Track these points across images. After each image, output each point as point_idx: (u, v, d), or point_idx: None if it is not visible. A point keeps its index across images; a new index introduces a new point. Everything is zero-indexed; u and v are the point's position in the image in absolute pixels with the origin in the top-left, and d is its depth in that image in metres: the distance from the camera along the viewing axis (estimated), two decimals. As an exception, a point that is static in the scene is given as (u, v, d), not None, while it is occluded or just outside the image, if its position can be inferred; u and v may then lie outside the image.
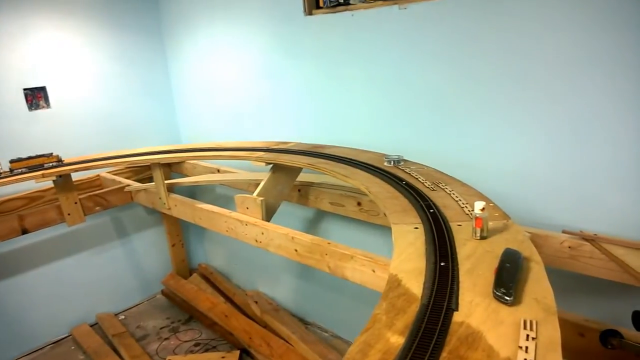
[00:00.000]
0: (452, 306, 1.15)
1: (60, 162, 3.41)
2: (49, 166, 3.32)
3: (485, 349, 1.00)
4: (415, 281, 1.29)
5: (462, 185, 2.08)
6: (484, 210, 1.49)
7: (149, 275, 4.75)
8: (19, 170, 3.22)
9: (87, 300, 4.30)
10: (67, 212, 3.52)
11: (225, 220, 2.85)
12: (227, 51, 3.86)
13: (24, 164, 3.25)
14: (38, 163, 3.30)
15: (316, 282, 3.87)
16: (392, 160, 2.45)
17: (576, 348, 1.72)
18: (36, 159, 3.30)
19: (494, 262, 1.32)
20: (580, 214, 2.26)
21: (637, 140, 2.02)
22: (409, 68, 2.72)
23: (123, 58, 4.21)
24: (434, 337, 1.04)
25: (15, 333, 3.90)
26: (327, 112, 3.26)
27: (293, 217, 3.73)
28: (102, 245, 4.37)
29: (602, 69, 2.04)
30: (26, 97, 3.69)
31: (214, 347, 3.87)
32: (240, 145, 3.36)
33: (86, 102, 4.04)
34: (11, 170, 3.21)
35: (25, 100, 3.69)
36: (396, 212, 1.80)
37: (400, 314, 1.15)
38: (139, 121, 4.42)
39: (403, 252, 1.47)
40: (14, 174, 3.19)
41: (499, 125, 2.42)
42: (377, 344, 1.04)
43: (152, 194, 3.46)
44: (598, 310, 2.33)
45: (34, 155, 3.32)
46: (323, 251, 2.27)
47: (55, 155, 3.39)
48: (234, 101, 3.96)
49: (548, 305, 1.13)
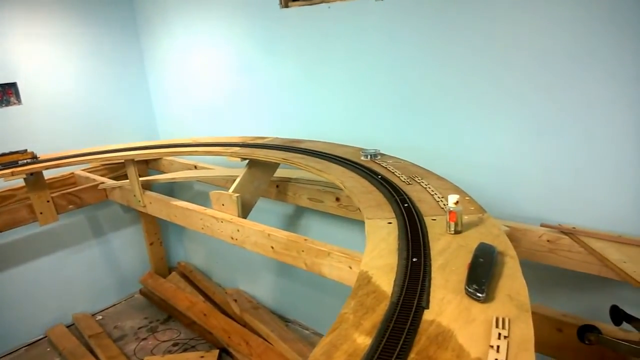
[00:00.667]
0: (423, 304, 1.11)
1: (35, 158, 3.29)
2: (23, 163, 3.20)
3: (455, 348, 0.96)
4: (386, 278, 1.24)
5: (438, 178, 2.04)
6: (458, 204, 1.45)
7: (126, 274, 4.66)
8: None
9: (63, 300, 4.21)
10: (39, 211, 3.42)
11: (200, 218, 2.79)
12: (204, 46, 3.78)
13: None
14: (12, 160, 3.18)
15: (297, 280, 3.83)
16: (369, 154, 2.41)
17: (554, 344, 1.70)
18: (10, 156, 3.18)
19: (468, 257, 1.28)
20: (558, 207, 2.24)
21: (613, 133, 2.00)
22: (386, 61, 2.67)
23: (97, 53, 4.11)
24: (402, 337, 0.99)
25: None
26: (304, 107, 3.21)
27: (272, 214, 3.67)
28: (78, 244, 4.27)
29: (576, 62, 2.02)
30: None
31: (193, 347, 3.80)
32: (216, 140, 3.29)
33: (60, 98, 3.94)
34: None
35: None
36: (370, 207, 1.76)
37: (368, 312, 1.10)
38: (115, 117, 4.32)
39: (375, 248, 1.42)
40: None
41: (476, 118, 2.40)
42: (342, 345, 0.99)
43: (127, 191, 3.38)
44: (577, 305, 2.32)
45: (7, 152, 3.20)
46: (299, 248, 2.22)
47: (30, 152, 3.28)
48: (212, 96, 3.89)
49: (522, 302, 1.09)
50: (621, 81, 1.93)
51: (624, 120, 1.96)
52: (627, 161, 1.99)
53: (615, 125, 1.99)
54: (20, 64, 3.67)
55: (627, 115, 1.95)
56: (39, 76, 3.79)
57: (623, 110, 1.95)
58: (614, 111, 1.98)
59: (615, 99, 1.96)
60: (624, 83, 1.92)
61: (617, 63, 1.92)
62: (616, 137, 2.00)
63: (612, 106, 1.97)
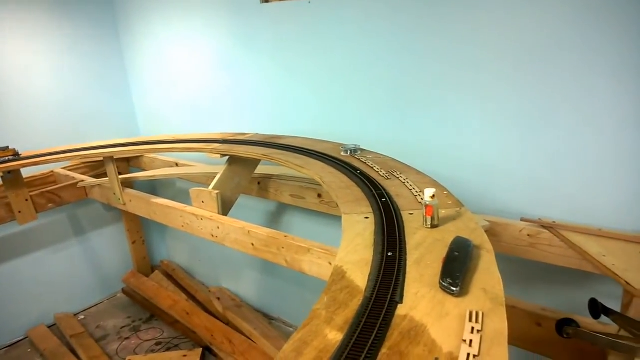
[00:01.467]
0: (397, 298, 1.09)
1: (17, 155, 3.23)
2: (5, 160, 3.15)
3: (428, 343, 0.94)
4: (360, 273, 1.22)
5: (417, 173, 2.03)
6: (434, 198, 1.43)
7: (109, 273, 4.61)
8: None
9: (44, 300, 4.15)
10: (18, 209, 3.36)
11: (180, 215, 2.76)
12: (184, 42, 3.74)
13: None
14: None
15: (280, 277, 3.80)
16: (349, 149, 2.39)
17: (533, 338, 1.69)
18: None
19: (444, 251, 1.26)
20: (539, 202, 2.24)
21: (594, 128, 2.00)
22: (367, 57, 2.65)
23: (75, 50, 4.04)
24: (374, 332, 0.97)
25: (-33, 337, 3.74)
26: (285, 103, 3.18)
27: (254, 211, 3.65)
28: (58, 243, 4.21)
29: (562, 61, 2.01)
30: (-28, 90, 3.52)
31: (176, 346, 3.77)
32: (196, 137, 3.25)
33: (38, 95, 3.87)
34: None
35: (-30, 94, 3.52)
36: (348, 202, 1.74)
37: (341, 308, 1.08)
38: (95, 115, 4.26)
39: (350, 244, 1.40)
40: None
41: (457, 113, 2.39)
42: (313, 342, 0.97)
43: (107, 189, 3.33)
44: (556, 299, 2.33)
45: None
46: (279, 244, 2.20)
47: (11, 148, 3.22)
48: (192, 93, 3.85)
49: (496, 295, 1.08)
50: (605, 77, 1.93)
51: (605, 115, 1.96)
52: (608, 155, 2.00)
53: (597, 120, 1.99)
54: (-7, 61, 3.60)
55: (609, 110, 1.95)
56: (14, 73, 3.72)
57: (605, 106, 1.95)
58: (595, 107, 1.98)
59: (597, 95, 1.96)
60: (608, 79, 1.92)
61: (603, 60, 1.92)
62: (597, 132, 2.00)
63: (593, 102, 1.97)
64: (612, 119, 1.94)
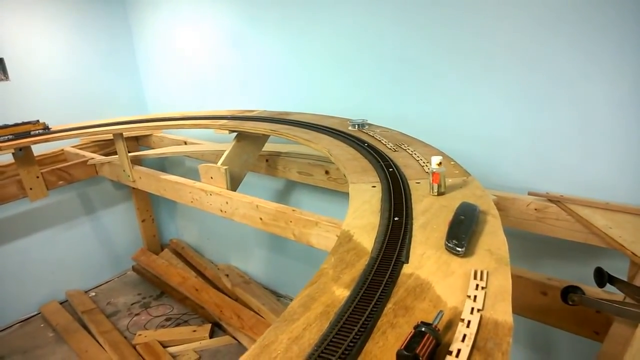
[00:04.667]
0: (402, 259, 1.11)
1: (47, 129, 3.27)
2: (36, 133, 3.19)
3: (433, 299, 0.96)
4: (367, 236, 1.24)
5: (424, 145, 2.04)
6: (441, 165, 1.44)
7: (119, 251, 4.67)
8: (5, 137, 3.08)
9: (56, 277, 4.22)
10: (29, 186, 3.40)
11: (189, 191, 2.78)
12: (192, 19, 3.74)
13: (9, 130, 3.11)
14: (24, 130, 3.16)
15: (288, 255, 3.84)
16: (357, 124, 2.40)
17: (539, 307, 1.71)
18: (22, 126, 3.17)
19: (450, 216, 1.27)
20: (546, 176, 2.24)
21: (601, 102, 1.99)
22: (374, 33, 2.64)
23: (84, 28, 4.06)
24: (379, 288, 0.99)
25: (-19, 312, 3.82)
26: (292, 79, 3.18)
27: (262, 189, 3.67)
28: (69, 221, 4.27)
29: (567, 32, 2.00)
30: (-18, 69, 3.55)
31: (186, 322, 3.82)
32: (204, 114, 3.27)
33: (48, 74, 3.90)
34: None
35: (-18, 73, 3.55)
36: (355, 173, 1.75)
37: (348, 267, 1.10)
38: (104, 93, 4.29)
39: (357, 210, 1.42)
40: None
41: (464, 88, 2.38)
42: (321, 297, 0.99)
43: (116, 166, 3.36)
44: (563, 275, 2.32)
45: (20, 122, 3.18)
46: (287, 219, 2.22)
47: (41, 122, 3.26)
48: (200, 71, 3.86)
49: (501, 256, 1.09)
50: (609, 53, 1.92)
51: (612, 90, 1.95)
52: (615, 130, 1.99)
53: (604, 94, 1.98)
54: (7, 39, 3.62)
55: (616, 85, 1.94)
56: (26, 52, 3.74)
57: (612, 80, 1.94)
58: (602, 80, 1.97)
59: (604, 69, 1.95)
60: (612, 55, 1.91)
61: (609, 32, 1.90)
62: (604, 106, 1.99)
63: (600, 75, 1.96)
64: (622, 93, 1.93)
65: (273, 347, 0.85)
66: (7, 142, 3.05)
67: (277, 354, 0.83)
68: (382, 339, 0.85)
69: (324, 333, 0.87)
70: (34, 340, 3.76)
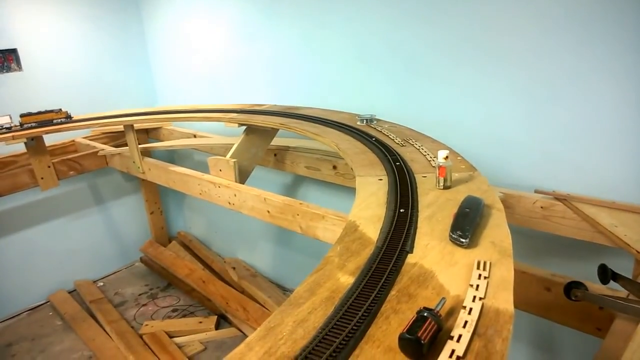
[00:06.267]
0: (407, 249, 1.13)
1: (69, 118, 3.34)
2: (58, 122, 3.26)
3: (436, 287, 0.98)
4: (373, 227, 1.26)
5: (432, 141, 2.06)
6: (448, 159, 1.46)
7: (127, 242, 4.71)
8: (29, 124, 3.15)
9: (64, 267, 4.27)
10: (40, 176, 3.44)
11: (198, 183, 2.81)
12: (204, 13, 3.77)
13: (33, 118, 3.18)
14: (47, 118, 3.23)
15: (295, 249, 3.86)
16: (365, 119, 2.42)
17: (542, 303, 1.72)
18: (45, 114, 3.24)
19: (455, 209, 1.29)
20: (553, 175, 2.25)
21: (607, 102, 2.00)
22: (385, 28, 2.66)
23: (96, 20, 4.10)
24: (383, 276, 1.01)
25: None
26: (302, 74, 3.20)
27: (270, 183, 3.69)
28: (78, 212, 4.32)
29: (575, 30, 2.00)
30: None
31: (192, 313, 3.86)
32: (214, 107, 3.30)
33: (60, 65, 3.95)
34: (21, 125, 3.15)
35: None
36: (363, 166, 1.77)
37: (353, 256, 1.12)
38: (114, 84, 4.33)
39: (364, 201, 1.44)
40: (24, 128, 3.13)
41: (472, 86, 2.39)
42: (326, 283, 1.02)
43: (127, 158, 3.40)
44: (568, 273, 2.33)
45: (44, 111, 3.25)
46: (295, 211, 2.25)
47: (64, 111, 3.32)
48: (210, 64, 3.89)
49: (504, 248, 1.11)
50: (618, 51, 1.92)
51: (620, 89, 1.95)
52: (622, 129, 1.99)
53: (612, 94, 1.98)
54: (21, 30, 3.67)
55: (622, 84, 1.94)
56: (39, 42, 3.79)
57: (619, 79, 1.95)
58: (610, 80, 1.97)
59: (611, 68, 1.95)
60: (621, 52, 1.91)
61: (615, 31, 1.91)
62: (612, 105, 1.99)
63: (609, 74, 1.97)
64: (629, 93, 1.94)
65: (279, 329, 0.88)
66: (31, 129, 3.12)
67: (282, 335, 0.86)
68: (385, 323, 0.87)
69: (328, 316, 0.89)
70: (42, 328, 3.81)
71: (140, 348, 3.35)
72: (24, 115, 3.16)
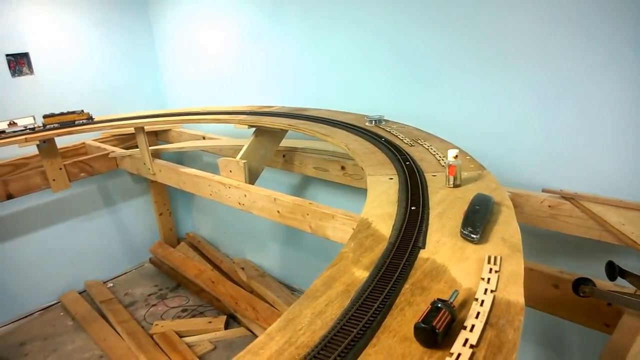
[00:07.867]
0: (419, 244, 1.16)
1: (91, 119, 3.39)
2: (80, 123, 3.30)
3: (448, 280, 1.01)
4: (385, 224, 1.29)
5: (441, 141, 2.09)
6: (457, 158, 1.49)
7: (137, 243, 4.76)
8: (52, 125, 3.21)
9: (75, 268, 4.32)
10: (52, 177, 3.49)
11: (208, 184, 2.85)
12: (212, 16, 3.81)
13: (56, 119, 3.23)
14: (69, 119, 3.29)
15: (303, 250, 3.89)
16: (373, 120, 2.45)
17: (550, 300, 1.74)
18: (68, 115, 3.29)
19: (465, 207, 1.32)
20: (560, 174, 2.26)
21: (615, 102, 2.02)
22: (392, 30, 2.69)
23: (106, 24, 4.14)
24: (397, 270, 1.04)
25: (3, 300, 3.92)
26: (310, 76, 3.24)
27: (279, 184, 3.72)
28: (89, 213, 4.36)
29: (583, 31, 2.02)
30: (9, 63, 3.64)
31: (201, 313, 3.90)
32: (223, 109, 3.33)
33: (71, 68, 3.99)
34: (44, 125, 3.20)
35: (8, 67, 3.64)
36: (373, 166, 1.80)
37: (367, 252, 1.16)
38: (124, 87, 4.38)
39: (375, 200, 1.47)
40: (47, 129, 3.18)
41: (479, 86, 2.41)
42: (342, 277, 1.05)
43: (137, 159, 3.45)
44: (576, 271, 2.34)
45: (66, 112, 3.30)
46: (304, 211, 2.28)
47: (86, 112, 3.37)
48: (220, 66, 3.93)
49: (514, 244, 1.14)
50: (623, 49, 1.94)
51: (627, 89, 1.97)
52: (628, 128, 2.01)
53: (619, 94, 2.00)
54: (32, 34, 3.72)
55: (631, 84, 1.96)
56: (50, 46, 3.84)
57: (627, 80, 1.96)
58: (617, 80, 1.99)
59: (617, 67, 1.97)
60: (626, 51, 1.93)
61: (618, 30, 1.93)
62: (619, 105, 2.01)
63: (616, 74, 1.99)
64: (636, 93, 1.96)
65: (298, 321, 0.91)
66: (55, 130, 3.18)
67: (301, 326, 0.89)
68: (400, 315, 0.90)
69: (345, 309, 0.92)
70: (54, 328, 3.86)
71: (150, 347, 3.39)
72: (47, 117, 3.21)
